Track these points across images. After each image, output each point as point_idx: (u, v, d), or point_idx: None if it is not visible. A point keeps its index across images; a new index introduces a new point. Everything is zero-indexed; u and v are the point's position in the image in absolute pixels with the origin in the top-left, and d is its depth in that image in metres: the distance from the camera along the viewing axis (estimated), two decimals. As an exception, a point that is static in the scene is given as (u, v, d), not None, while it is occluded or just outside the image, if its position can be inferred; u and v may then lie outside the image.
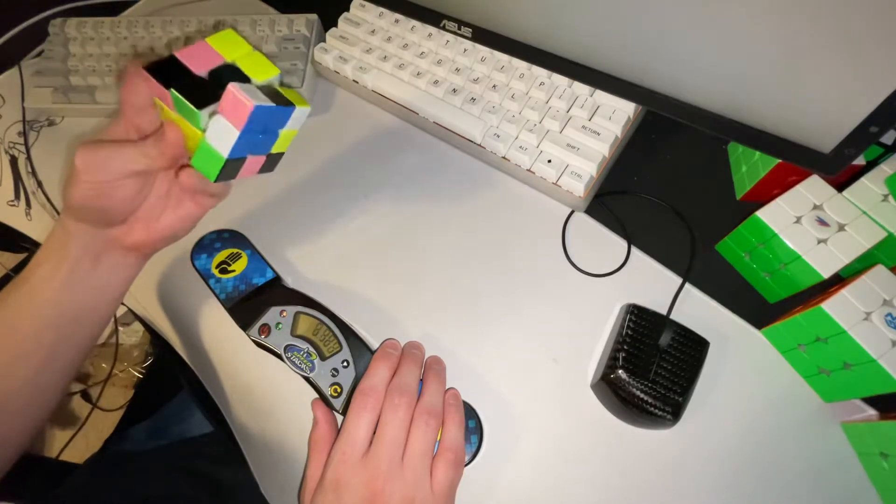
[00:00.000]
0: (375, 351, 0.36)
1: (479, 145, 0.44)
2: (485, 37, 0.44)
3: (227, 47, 0.30)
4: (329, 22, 0.52)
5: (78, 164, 0.29)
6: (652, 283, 0.40)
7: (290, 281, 0.42)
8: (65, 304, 0.33)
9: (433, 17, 0.46)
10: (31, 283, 0.33)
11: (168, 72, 0.28)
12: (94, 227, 0.32)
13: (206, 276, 0.40)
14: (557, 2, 0.37)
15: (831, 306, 0.32)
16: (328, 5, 0.53)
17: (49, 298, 0.33)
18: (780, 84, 0.32)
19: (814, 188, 0.36)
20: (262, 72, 0.30)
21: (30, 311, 0.33)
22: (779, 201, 0.36)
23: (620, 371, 0.34)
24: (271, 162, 0.33)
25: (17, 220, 0.49)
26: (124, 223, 0.33)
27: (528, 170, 0.43)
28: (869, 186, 0.36)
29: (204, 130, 0.28)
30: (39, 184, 0.48)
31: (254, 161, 0.31)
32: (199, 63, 0.29)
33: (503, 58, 0.46)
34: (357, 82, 0.49)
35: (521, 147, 0.43)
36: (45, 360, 0.34)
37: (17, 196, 0.49)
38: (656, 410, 0.33)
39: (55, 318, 0.33)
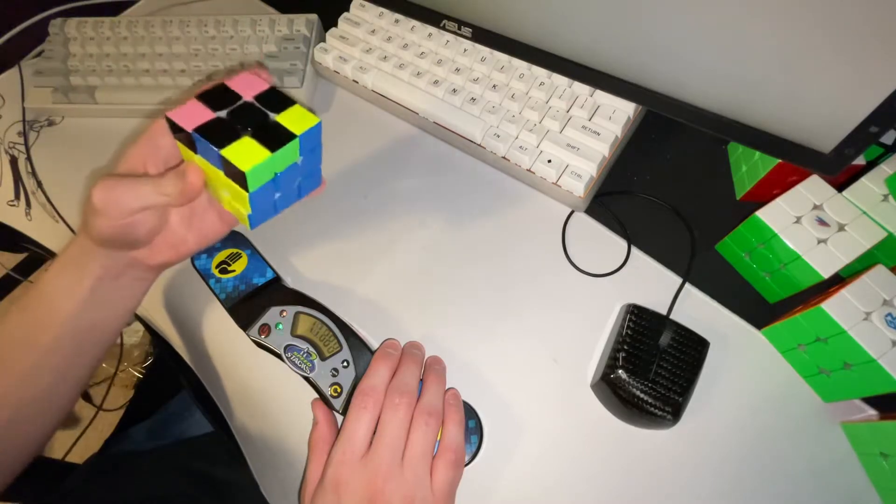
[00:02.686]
0: (375, 351, 0.36)
1: (479, 145, 0.44)
2: (485, 37, 0.44)
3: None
4: (329, 22, 0.52)
5: (95, 202, 0.29)
6: (652, 283, 0.40)
7: (290, 281, 0.42)
8: (84, 318, 0.33)
9: (433, 17, 0.46)
10: (51, 297, 0.33)
11: (189, 116, 0.28)
12: (115, 249, 0.32)
13: (206, 276, 0.40)
14: (558, 2, 0.37)
15: (831, 306, 0.32)
16: (328, 5, 0.53)
17: (69, 313, 0.33)
18: (780, 84, 0.32)
19: (814, 188, 0.36)
20: (283, 111, 0.29)
21: (49, 325, 0.33)
22: (779, 201, 0.36)
23: (620, 371, 0.34)
24: (308, 180, 0.32)
25: (17, 220, 0.49)
26: (147, 246, 0.33)
27: (528, 170, 0.43)
28: (869, 186, 0.36)
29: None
30: (39, 184, 0.48)
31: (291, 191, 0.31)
32: (218, 103, 0.28)
33: (503, 58, 0.46)
34: (357, 82, 0.49)
35: (521, 147, 0.43)
36: (63, 370, 0.34)
37: (17, 196, 0.49)
38: (656, 410, 0.33)
39: (73, 332, 0.34)
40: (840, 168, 0.33)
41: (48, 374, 0.34)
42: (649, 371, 0.34)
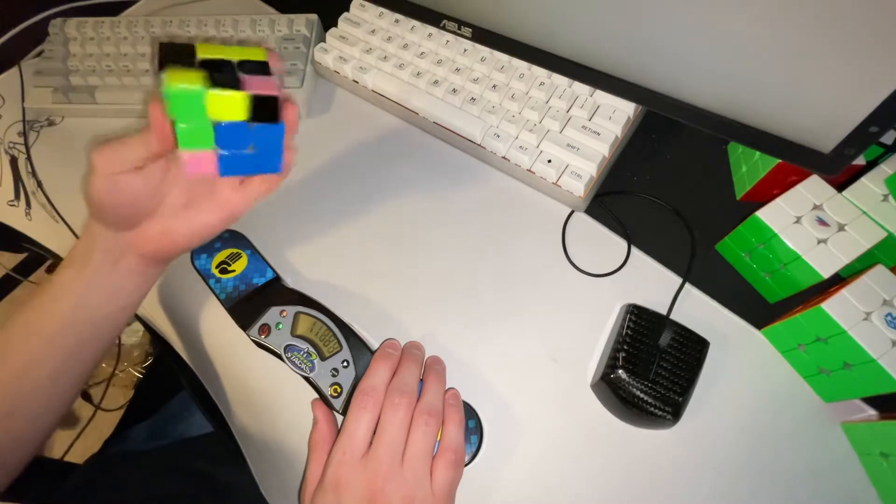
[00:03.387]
0: (375, 351, 0.36)
1: (479, 145, 0.44)
2: (485, 37, 0.44)
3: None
4: (329, 22, 0.52)
5: (93, 159, 0.30)
6: (652, 283, 0.40)
7: (289, 281, 0.42)
8: (84, 308, 0.34)
9: (433, 17, 0.46)
10: (55, 286, 0.34)
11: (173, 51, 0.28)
12: (113, 229, 0.34)
13: (206, 276, 0.40)
14: (558, 2, 0.37)
15: (831, 306, 0.32)
16: (328, 5, 0.53)
17: (70, 302, 0.34)
18: (780, 84, 0.32)
19: (814, 188, 0.36)
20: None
21: (51, 314, 0.34)
22: (779, 201, 0.36)
23: (620, 371, 0.34)
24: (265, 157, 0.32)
25: (17, 220, 0.49)
26: (139, 228, 0.34)
27: (528, 170, 0.43)
28: (869, 186, 0.36)
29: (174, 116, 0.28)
30: (39, 184, 0.48)
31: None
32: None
33: (503, 58, 0.46)
34: (357, 82, 0.49)
35: (521, 147, 0.43)
36: (62, 363, 0.35)
37: (17, 196, 0.49)
38: (656, 410, 0.33)
39: (74, 322, 0.34)
40: (840, 168, 0.33)
41: (47, 367, 0.34)
42: (649, 371, 0.34)
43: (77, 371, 0.36)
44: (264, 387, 0.39)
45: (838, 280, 0.36)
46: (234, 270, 0.40)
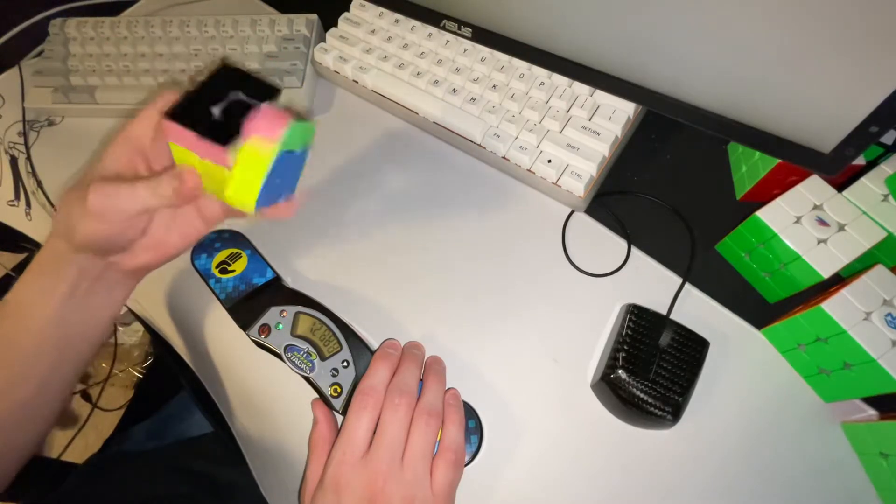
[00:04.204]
0: (375, 351, 0.36)
1: (479, 145, 0.44)
2: (485, 37, 0.44)
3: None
4: (329, 22, 0.52)
5: (92, 207, 0.28)
6: (652, 283, 0.40)
7: (289, 281, 0.42)
8: (64, 323, 0.33)
9: (433, 17, 0.46)
10: (26, 304, 0.32)
11: (186, 114, 0.27)
12: (95, 254, 0.32)
13: (206, 276, 0.40)
14: (558, 2, 0.37)
15: (831, 306, 0.32)
16: (328, 5, 0.53)
17: (48, 318, 0.32)
18: (780, 84, 0.32)
19: (814, 188, 0.36)
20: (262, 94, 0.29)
21: (29, 331, 0.32)
22: (779, 201, 0.36)
23: (620, 371, 0.34)
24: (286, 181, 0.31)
25: (17, 220, 0.49)
26: (127, 250, 0.33)
27: (528, 170, 0.43)
28: (869, 186, 0.36)
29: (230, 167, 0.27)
30: (39, 184, 0.48)
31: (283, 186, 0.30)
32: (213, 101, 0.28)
33: (503, 58, 0.46)
34: (357, 82, 0.49)
35: (521, 147, 0.43)
36: (45, 378, 0.33)
37: (17, 196, 0.49)
38: (656, 410, 0.33)
39: (55, 338, 0.33)
40: (840, 168, 0.33)
41: (29, 383, 0.33)
42: (649, 371, 0.34)
43: (60, 384, 0.35)
44: (264, 387, 0.39)
45: (838, 280, 0.36)
46: (234, 270, 0.40)
